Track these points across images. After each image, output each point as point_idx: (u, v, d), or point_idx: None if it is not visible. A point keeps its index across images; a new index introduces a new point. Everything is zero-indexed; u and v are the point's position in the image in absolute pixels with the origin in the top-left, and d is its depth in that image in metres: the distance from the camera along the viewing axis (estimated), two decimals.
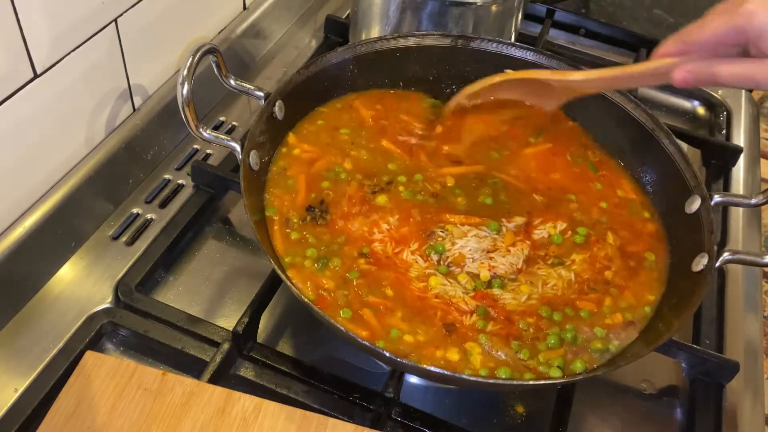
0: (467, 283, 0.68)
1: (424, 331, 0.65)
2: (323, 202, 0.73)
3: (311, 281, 0.67)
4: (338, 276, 0.67)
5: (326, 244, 0.70)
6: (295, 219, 0.71)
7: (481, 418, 0.69)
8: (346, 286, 0.67)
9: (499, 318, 0.66)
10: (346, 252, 0.69)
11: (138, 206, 0.82)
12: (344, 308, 0.65)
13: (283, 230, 0.70)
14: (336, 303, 0.65)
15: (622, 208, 0.78)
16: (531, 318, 0.67)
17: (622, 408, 0.72)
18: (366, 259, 0.69)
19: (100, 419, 0.59)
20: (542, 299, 0.68)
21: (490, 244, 0.71)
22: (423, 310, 0.66)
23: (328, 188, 0.75)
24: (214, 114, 0.95)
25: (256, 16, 1.03)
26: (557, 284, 0.69)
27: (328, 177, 0.76)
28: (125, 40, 0.78)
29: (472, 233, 0.72)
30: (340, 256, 0.69)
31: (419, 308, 0.66)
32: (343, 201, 0.73)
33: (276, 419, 0.61)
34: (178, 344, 0.68)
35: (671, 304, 0.69)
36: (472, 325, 0.65)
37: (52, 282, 0.74)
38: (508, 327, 0.66)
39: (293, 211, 0.72)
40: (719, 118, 1.11)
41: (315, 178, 0.75)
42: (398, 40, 0.85)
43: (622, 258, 0.73)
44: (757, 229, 0.93)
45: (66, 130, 0.75)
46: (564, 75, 0.73)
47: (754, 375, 0.76)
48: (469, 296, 0.67)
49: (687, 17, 1.26)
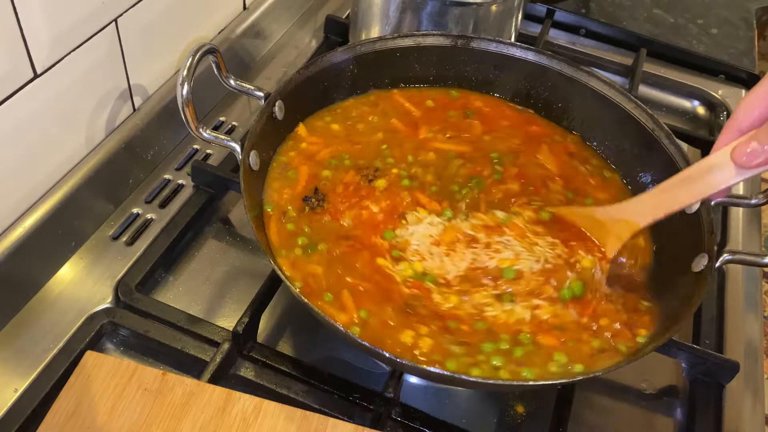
0: (405, 270, 0.69)
1: (385, 311, 0.65)
2: (317, 190, 0.73)
3: (301, 269, 0.67)
4: (324, 261, 0.68)
5: (319, 232, 0.71)
6: (293, 212, 0.71)
7: (481, 418, 0.69)
8: (330, 270, 0.67)
9: (431, 312, 0.65)
10: (333, 237, 0.70)
11: (138, 206, 0.82)
12: (327, 292, 0.66)
13: (279, 223, 0.70)
14: (321, 287, 0.66)
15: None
16: (464, 326, 0.65)
17: (622, 408, 0.72)
18: (348, 241, 0.69)
19: (100, 419, 0.59)
20: (480, 315, 0.66)
21: (438, 234, 0.71)
22: (385, 291, 0.67)
23: (326, 177, 0.75)
24: (214, 114, 0.95)
25: (256, 16, 1.03)
26: (499, 316, 0.66)
27: (330, 165, 0.77)
28: (125, 40, 0.78)
29: (428, 220, 0.72)
30: (327, 241, 0.70)
31: (384, 289, 0.67)
32: (339, 188, 0.74)
33: (276, 419, 0.61)
34: (178, 344, 0.68)
35: (671, 304, 0.69)
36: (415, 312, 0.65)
37: (52, 282, 0.74)
38: (442, 322, 0.65)
39: (290, 204, 0.73)
40: (719, 118, 1.11)
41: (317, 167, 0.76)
42: (398, 40, 0.85)
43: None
44: (757, 229, 0.93)
45: (66, 130, 0.75)
46: (609, 208, 0.69)
47: (754, 375, 0.76)
48: (406, 284, 0.67)
49: (687, 17, 1.27)
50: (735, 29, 1.28)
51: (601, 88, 0.84)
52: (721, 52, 1.21)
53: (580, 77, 0.85)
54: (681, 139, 0.88)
